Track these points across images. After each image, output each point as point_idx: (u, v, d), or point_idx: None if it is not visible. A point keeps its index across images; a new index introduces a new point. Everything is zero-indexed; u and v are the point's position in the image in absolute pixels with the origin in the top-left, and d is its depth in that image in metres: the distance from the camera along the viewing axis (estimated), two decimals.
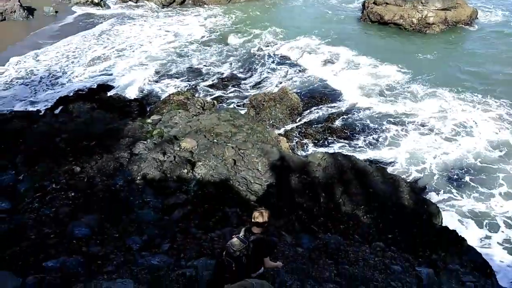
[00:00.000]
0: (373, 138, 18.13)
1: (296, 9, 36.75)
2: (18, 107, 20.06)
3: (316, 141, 17.67)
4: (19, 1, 31.10)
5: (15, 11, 30.33)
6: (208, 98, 21.05)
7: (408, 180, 14.62)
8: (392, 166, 16.41)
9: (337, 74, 24.34)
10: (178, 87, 22.55)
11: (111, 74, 23.96)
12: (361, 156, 16.10)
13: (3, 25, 29.04)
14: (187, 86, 22.85)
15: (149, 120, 17.09)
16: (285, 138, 16.41)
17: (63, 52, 25.87)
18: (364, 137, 18.16)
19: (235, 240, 4.86)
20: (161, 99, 20.70)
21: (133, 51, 26.89)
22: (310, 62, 25.87)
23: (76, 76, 23.32)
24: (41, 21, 31.04)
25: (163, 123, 16.62)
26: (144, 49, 27.30)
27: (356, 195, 11.92)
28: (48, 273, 6.35)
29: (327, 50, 27.52)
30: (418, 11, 29.20)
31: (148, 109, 19.91)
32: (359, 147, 17.58)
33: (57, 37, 28.08)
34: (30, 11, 31.70)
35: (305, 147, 17.18)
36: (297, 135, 17.94)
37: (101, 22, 31.64)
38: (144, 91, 22.40)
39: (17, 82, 22.09)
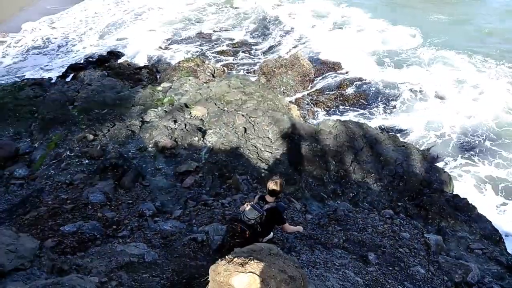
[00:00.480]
0: (387, 106, 17.83)
1: None
2: (31, 74, 20.15)
3: (327, 109, 17.47)
4: None
5: None
6: (218, 65, 20.79)
7: (422, 148, 14.48)
8: (407, 133, 16.20)
9: (348, 39, 23.64)
10: (189, 52, 22.26)
11: (123, 39, 23.72)
12: (374, 123, 15.91)
13: None
14: (197, 52, 22.54)
15: (159, 88, 17.06)
16: (296, 106, 16.24)
17: (81, 18, 25.46)
18: (377, 105, 17.86)
19: (249, 208, 4.94)
20: (171, 65, 20.53)
21: (149, 15, 26.37)
22: (320, 26, 25.13)
23: (90, 44, 23.16)
24: None
25: (174, 90, 16.57)
26: (161, 12, 26.75)
27: (366, 163, 11.89)
28: (66, 237, 6.61)
29: (339, 13, 26.55)
30: None
31: (158, 76, 19.82)
32: (372, 114, 17.34)
33: (70, 1, 27.62)
34: None
35: (316, 115, 17.02)
36: (309, 102, 17.73)
37: None
38: (154, 58, 22.20)
39: (33, 52, 22.07)
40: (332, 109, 17.42)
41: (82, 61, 20.97)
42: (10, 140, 12.56)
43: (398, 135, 15.13)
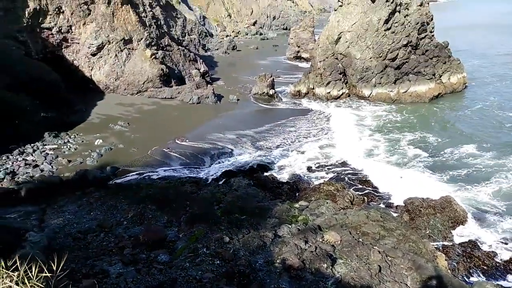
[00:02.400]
0: None
1: (473, 114, 33.75)
2: (190, 172, 23.48)
3: (485, 268, 14.61)
4: (212, 90, 38.41)
5: (208, 97, 37.41)
6: (358, 193, 20.45)
7: None
8: None
9: None
10: (330, 177, 22.79)
11: (272, 156, 26.18)
12: None
13: (199, 107, 36.07)
14: (337, 177, 22.91)
15: (296, 205, 17.51)
16: (443, 255, 14.16)
17: (245, 135, 29.78)
18: None
19: None
20: (311, 186, 21.18)
21: (302, 142, 28.93)
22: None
23: (248, 153, 26.36)
24: (226, 106, 37.21)
25: (310, 210, 16.74)
26: (312, 139, 29.17)
27: None
28: None
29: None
30: None
31: (297, 194, 20.54)
32: None
33: (240, 121, 32.89)
34: (219, 97, 38.58)
35: (470, 272, 14.36)
36: (460, 253, 15.27)
37: (277, 113, 35.66)
38: (297, 176, 23.43)
39: (199, 153, 26.28)
40: (492, 270, 14.48)
41: (235, 169, 23.64)
42: (162, 227, 14.32)
43: None
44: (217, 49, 66.31)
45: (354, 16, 38.59)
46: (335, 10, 40.90)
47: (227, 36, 79.24)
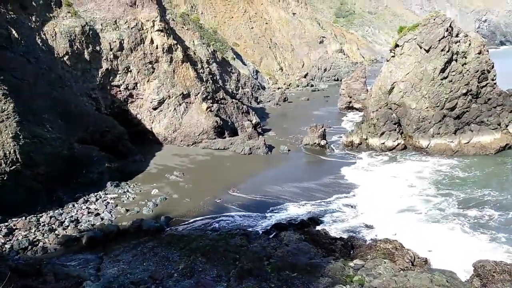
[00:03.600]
0: None
1: None
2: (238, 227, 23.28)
3: None
4: (264, 141, 39.09)
5: (260, 148, 38.04)
6: (420, 253, 18.85)
7: None
8: None
9: None
10: (391, 234, 21.36)
11: (324, 209, 25.38)
12: None
13: (251, 157, 36.68)
14: (396, 234, 21.42)
15: (351, 264, 16.51)
16: None
17: (296, 186, 29.46)
18: None
19: None
20: (367, 243, 19.97)
21: (355, 194, 27.94)
22: None
23: (299, 206, 25.85)
24: (277, 157, 37.44)
25: (365, 270, 15.67)
26: (363, 192, 28.04)
27: None
28: None
29: None
30: None
31: (352, 251, 19.42)
32: None
33: (291, 172, 32.73)
34: (270, 148, 39.06)
35: None
36: None
37: (328, 165, 35.12)
38: (352, 231, 22.32)
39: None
40: None
41: (286, 222, 23.12)
42: (211, 281, 14.13)
43: None
44: (269, 101, 68.31)
45: (408, 66, 38.17)
46: (388, 61, 40.83)
47: (278, 88, 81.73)
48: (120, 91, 38.14)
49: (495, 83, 36.31)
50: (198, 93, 40.98)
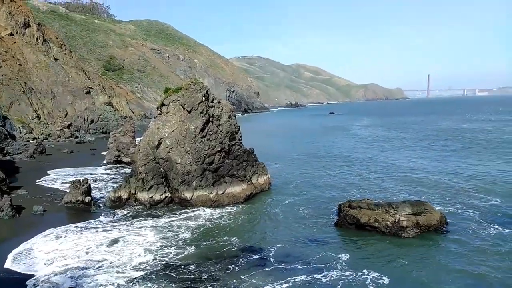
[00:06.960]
0: None
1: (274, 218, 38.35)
2: None
3: None
4: (10, 200, 32.31)
5: (3, 210, 31.12)
6: None
7: None
8: None
9: None
10: None
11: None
12: None
13: None
14: None
15: None
16: None
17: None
18: None
19: None
20: None
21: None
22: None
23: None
24: (28, 220, 31.48)
25: None
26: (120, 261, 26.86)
27: None
28: None
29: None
30: (390, 215, 31.16)
31: None
32: None
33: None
34: (18, 210, 32.56)
35: None
36: None
37: (92, 226, 32.22)
38: None
39: None
40: None
41: None
42: None
43: None
44: (20, 153, 58.19)
45: (173, 123, 41.34)
46: (155, 118, 43.02)
47: (34, 138, 71.18)
48: None
49: (241, 142, 44.14)
50: None
